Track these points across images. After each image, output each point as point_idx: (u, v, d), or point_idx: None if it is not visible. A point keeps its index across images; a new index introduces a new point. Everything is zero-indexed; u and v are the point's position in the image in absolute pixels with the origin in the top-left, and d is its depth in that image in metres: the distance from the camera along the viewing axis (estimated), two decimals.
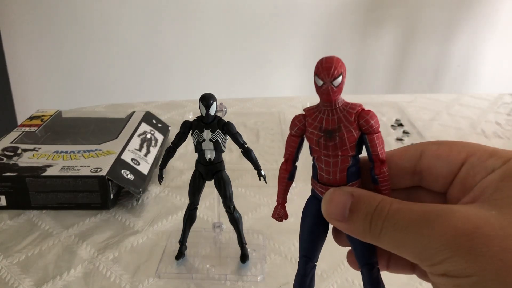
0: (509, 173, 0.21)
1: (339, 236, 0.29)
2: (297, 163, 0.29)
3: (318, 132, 0.26)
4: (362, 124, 0.25)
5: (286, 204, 0.30)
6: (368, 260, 0.26)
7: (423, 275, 0.27)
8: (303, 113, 0.27)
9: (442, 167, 0.25)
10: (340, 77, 0.24)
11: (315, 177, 0.27)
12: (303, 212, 0.28)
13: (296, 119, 0.27)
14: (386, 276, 0.46)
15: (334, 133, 0.25)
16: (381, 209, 0.22)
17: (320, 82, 0.24)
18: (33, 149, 0.60)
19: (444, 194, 0.25)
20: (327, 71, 0.24)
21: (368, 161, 0.26)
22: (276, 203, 0.29)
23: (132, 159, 0.59)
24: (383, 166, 0.25)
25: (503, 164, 0.22)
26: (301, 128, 0.27)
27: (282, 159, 0.29)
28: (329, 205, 0.24)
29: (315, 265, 0.29)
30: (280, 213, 0.29)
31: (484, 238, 0.19)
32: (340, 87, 0.24)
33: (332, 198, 0.24)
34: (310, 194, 0.28)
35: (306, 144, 0.28)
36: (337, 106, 0.25)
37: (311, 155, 0.27)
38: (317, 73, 0.24)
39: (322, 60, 0.24)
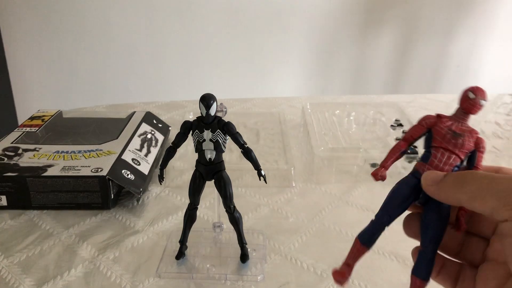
0: None
1: (409, 226, 0.33)
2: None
3: (448, 129, 0.31)
4: (478, 143, 0.31)
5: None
6: (438, 240, 0.30)
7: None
8: (437, 114, 0.32)
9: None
10: (486, 102, 0.31)
11: (426, 160, 0.31)
12: (400, 182, 0.32)
13: (430, 116, 0.32)
14: (386, 276, 0.46)
15: (459, 135, 0.31)
16: (467, 172, 0.27)
17: (473, 96, 0.31)
18: (34, 149, 0.60)
19: None
20: (485, 93, 0.31)
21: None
22: (382, 167, 0.33)
23: (132, 159, 0.59)
24: None
25: None
26: (430, 123, 0.32)
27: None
28: (430, 173, 0.29)
29: (386, 227, 0.33)
30: (382, 174, 0.33)
31: None
32: (481, 108, 0.31)
33: (432, 170, 0.30)
34: (410, 173, 0.32)
35: None
36: (468, 121, 0.32)
37: (431, 145, 0.32)
38: (473, 90, 0.31)
39: (475, 86, 0.31)
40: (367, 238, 0.32)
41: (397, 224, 0.53)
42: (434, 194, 0.29)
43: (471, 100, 0.31)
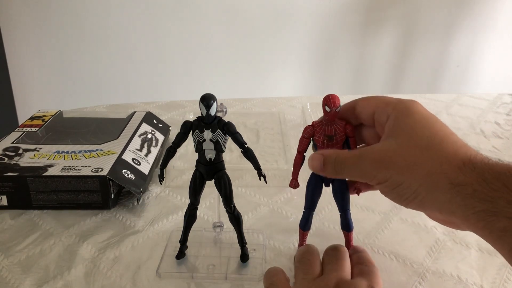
0: (395, 117, 0.37)
1: (352, 186, 0.44)
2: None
3: (323, 136, 0.41)
4: (347, 130, 0.41)
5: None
6: (346, 206, 0.44)
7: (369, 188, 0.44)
8: (311, 124, 0.42)
9: (365, 113, 0.40)
10: (339, 107, 0.40)
11: None
12: (307, 183, 0.44)
13: (308, 127, 0.42)
14: (386, 276, 0.46)
15: (332, 137, 0.41)
16: (338, 160, 0.38)
17: (329, 109, 0.40)
18: (34, 149, 0.60)
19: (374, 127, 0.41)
20: (337, 102, 0.40)
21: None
22: (292, 177, 0.43)
23: (133, 159, 0.60)
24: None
25: (393, 111, 0.38)
26: (310, 134, 0.42)
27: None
28: (312, 162, 0.39)
29: (313, 212, 0.45)
30: (296, 184, 0.43)
31: (390, 158, 0.35)
32: (339, 111, 0.40)
33: (313, 158, 0.39)
34: (311, 174, 0.43)
35: None
36: (334, 121, 0.41)
37: (315, 149, 0.42)
38: (327, 104, 0.40)
39: (329, 96, 0.40)
40: (304, 226, 0.45)
41: (397, 224, 0.53)
42: (326, 176, 0.40)
43: (329, 112, 0.40)
